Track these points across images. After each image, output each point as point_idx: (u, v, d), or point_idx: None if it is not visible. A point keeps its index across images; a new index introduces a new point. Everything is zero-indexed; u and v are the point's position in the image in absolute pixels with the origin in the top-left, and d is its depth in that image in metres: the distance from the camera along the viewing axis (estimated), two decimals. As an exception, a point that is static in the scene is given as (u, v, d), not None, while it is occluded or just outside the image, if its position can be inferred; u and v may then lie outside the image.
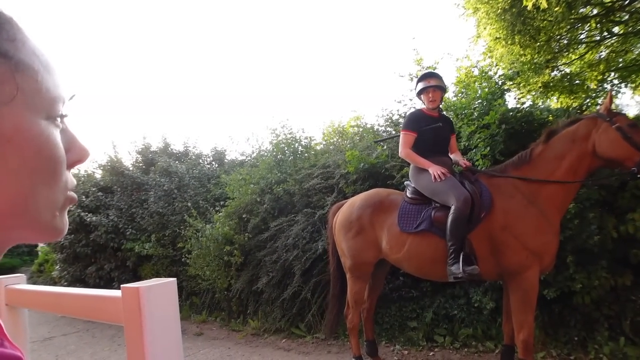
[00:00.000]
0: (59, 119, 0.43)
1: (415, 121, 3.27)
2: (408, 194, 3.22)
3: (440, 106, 3.43)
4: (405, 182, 3.41)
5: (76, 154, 0.46)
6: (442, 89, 3.31)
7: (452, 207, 2.84)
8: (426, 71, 3.47)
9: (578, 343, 3.54)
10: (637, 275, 3.47)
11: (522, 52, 4.05)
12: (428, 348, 4.01)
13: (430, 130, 3.21)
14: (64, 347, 5.37)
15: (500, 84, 4.71)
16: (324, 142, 7.06)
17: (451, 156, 3.33)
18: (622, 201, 3.52)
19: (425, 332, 4.15)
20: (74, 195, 0.46)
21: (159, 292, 0.82)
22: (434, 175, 3.02)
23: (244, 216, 5.76)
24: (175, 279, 0.87)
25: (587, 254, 3.47)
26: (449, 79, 5.16)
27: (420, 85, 3.30)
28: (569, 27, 4.04)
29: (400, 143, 3.32)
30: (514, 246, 2.76)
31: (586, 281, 3.42)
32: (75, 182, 0.47)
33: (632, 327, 3.43)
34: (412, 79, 5.25)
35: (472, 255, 2.81)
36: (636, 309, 3.44)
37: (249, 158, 8.09)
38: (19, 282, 1.56)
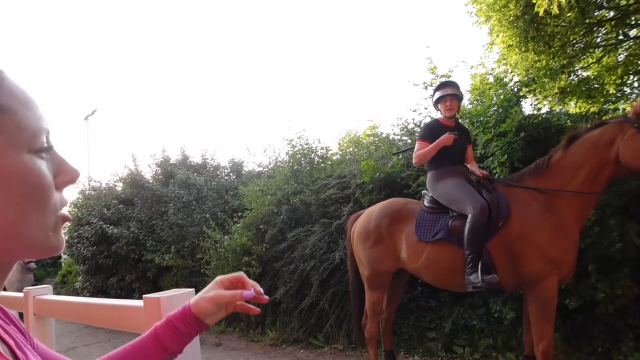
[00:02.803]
0: (43, 149, 0.48)
1: (431, 131, 3.29)
2: (426, 203, 3.22)
3: (456, 116, 3.45)
4: (423, 192, 3.42)
5: (66, 176, 0.51)
6: (459, 97, 3.33)
7: (469, 216, 2.83)
8: (443, 80, 3.46)
9: (602, 354, 3.45)
10: (662, 284, 3.38)
11: (536, 59, 4.04)
12: (447, 359, 3.97)
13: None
14: (86, 357, 5.48)
15: (516, 90, 4.69)
16: (340, 152, 7.11)
17: (467, 166, 3.32)
18: (645, 207, 3.44)
19: (444, 342, 4.10)
20: (67, 214, 0.52)
21: (179, 301, 0.87)
22: (444, 139, 3.09)
23: (261, 227, 5.82)
24: (193, 289, 0.91)
25: (609, 262, 3.40)
26: (464, 87, 5.15)
27: (438, 94, 3.32)
28: (583, 31, 4.01)
29: (414, 152, 3.34)
30: (531, 255, 2.72)
31: (609, 290, 3.35)
32: (67, 200, 0.52)
33: (658, 337, 3.33)
34: (426, 88, 5.26)
35: (491, 264, 2.78)
36: (662, 319, 3.35)
37: (266, 169, 8.18)
38: (46, 292, 1.63)
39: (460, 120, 4.75)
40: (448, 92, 3.26)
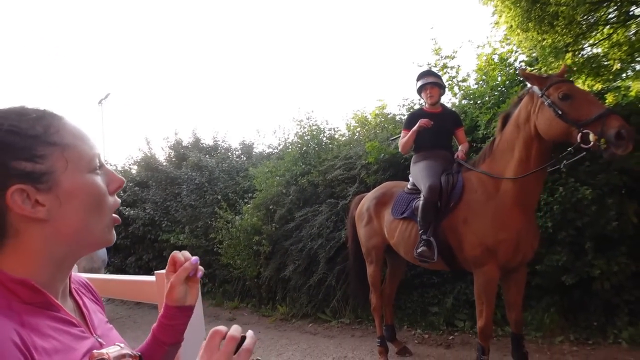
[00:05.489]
0: (97, 168, 0.69)
1: (412, 120, 3.41)
2: (408, 185, 3.41)
3: (442, 101, 3.60)
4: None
5: (115, 184, 0.74)
6: (440, 85, 3.46)
7: (421, 195, 3.04)
8: (423, 70, 3.59)
9: (597, 328, 3.58)
10: (659, 261, 3.46)
11: (539, 38, 4.04)
12: (448, 332, 4.15)
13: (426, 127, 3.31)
14: (109, 331, 5.80)
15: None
16: (348, 133, 7.19)
17: (460, 148, 3.41)
18: (645, 186, 3.49)
19: (446, 317, 4.27)
20: (117, 217, 0.74)
21: (184, 276, 1.02)
22: (416, 128, 3.23)
23: (270, 207, 6.00)
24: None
25: (606, 240, 3.49)
26: (470, 67, 5.14)
27: (419, 83, 3.46)
28: (588, 10, 3.98)
29: (399, 141, 3.52)
30: (472, 241, 2.79)
31: (605, 267, 3.44)
32: (119, 201, 0.75)
33: (653, 312, 3.43)
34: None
35: (445, 243, 2.93)
36: (658, 294, 3.44)
37: (276, 150, 8.32)
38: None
39: (464, 100, 4.82)
40: (428, 80, 3.41)
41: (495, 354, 3.48)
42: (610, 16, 4.70)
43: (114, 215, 0.73)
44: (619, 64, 4.71)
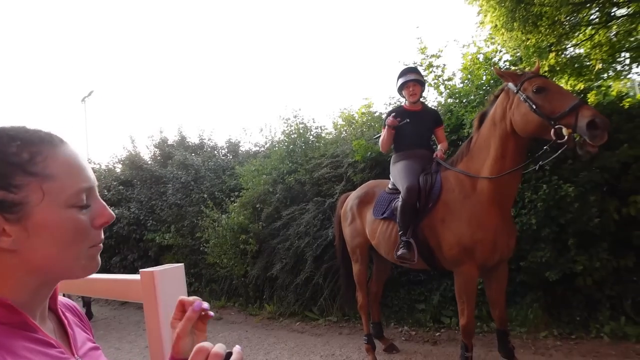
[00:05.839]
0: (81, 205, 0.65)
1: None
2: (389, 185, 3.39)
3: (423, 100, 3.60)
4: None
5: (102, 219, 0.69)
6: (421, 82, 3.42)
7: (400, 196, 3.03)
8: (405, 67, 3.53)
9: (580, 323, 3.65)
10: (639, 257, 3.53)
11: (524, 38, 4.10)
12: (435, 329, 4.18)
13: (405, 125, 3.32)
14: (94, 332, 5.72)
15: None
16: (335, 131, 7.19)
17: (439, 147, 3.40)
18: (625, 184, 3.56)
19: (433, 313, 4.31)
20: (99, 246, 0.70)
21: (170, 274, 1.02)
22: (387, 124, 3.24)
23: (257, 206, 5.98)
24: (182, 264, 1.05)
25: (588, 236, 3.56)
26: (456, 66, 5.19)
27: (400, 81, 3.41)
28: (570, 10, 4.06)
29: (379, 140, 3.51)
30: (449, 241, 2.79)
31: (588, 263, 3.51)
32: (102, 237, 0.71)
33: (633, 307, 3.51)
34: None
35: (424, 244, 2.93)
36: (637, 290, 3.52)
37: (262, 149, 8.28)
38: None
39: (451, 99, 4.86)
40: (410, 77, 3.35)
41: (481, 350, 3.53)
42: (592, 17, 4.80)
43: (92, 249, 0.68)
44: (601, 64, 4.81)
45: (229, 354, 0.62)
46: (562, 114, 2.22)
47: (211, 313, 0.78)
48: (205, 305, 0.75)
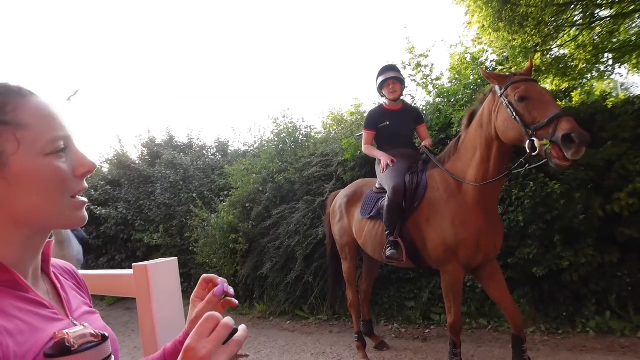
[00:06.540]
0: (60, 151, 0.64)
1: (372, 119, 3.44)
2: (376, 185, 3.39)
3: (403, 98, 3.59)
4: None
5: (84, 168, 0.68)
6: (401, 80, 3.42)
7: (386, 195, 3.04)
8: (384, 65, 3.49)
9: (566, 318, 3.72)
10: (623, 253, 3.61)
11: (510, 38, 4.16)
12: (424, 326, 4.22)
13: (386, 126, 3.33)
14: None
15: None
16: (324, 131, 7.21)
17: (423, 143, 3.36)
18: (609, 181, 3.63)
19: (422, 311, 4.35)
20: (84, 199, 0.69)
21: (164, 268, 1.01)
22: (383, 165, 3.19)
23: (247, 205, 5.96)
24: (176, 258, 1.05)
25: (574, 232, 3.63)
26: (444, 66, 5.25)
27: (380, 79, 3.39)
28: (555, 12, 4.13)
29: (363, 141, 3.53)
30: (434, 240, 2.78)
31: (573, 259, 3.57)
32: (85, 186, 0.69)
33: (617, 301, 3.58)
34: (405, 68, 5.36)
35: (411, 243, 2.92)
36: (622, 285, 3.59)
37: (252, 148, 8.25)
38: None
39: (439, 99, 4.90)
40: (390, 75, 3.34)
41: (470, 345, 3.57)
42: (576, 18, 4.89)
43: (80, 198, 0.68)
44: (584, 65, 4.90)
45: (235, 330, 0.62)
46: (541, 124, 2.17)
47: (235, 301, 0.79)
48: (229, 289, 0.76)
